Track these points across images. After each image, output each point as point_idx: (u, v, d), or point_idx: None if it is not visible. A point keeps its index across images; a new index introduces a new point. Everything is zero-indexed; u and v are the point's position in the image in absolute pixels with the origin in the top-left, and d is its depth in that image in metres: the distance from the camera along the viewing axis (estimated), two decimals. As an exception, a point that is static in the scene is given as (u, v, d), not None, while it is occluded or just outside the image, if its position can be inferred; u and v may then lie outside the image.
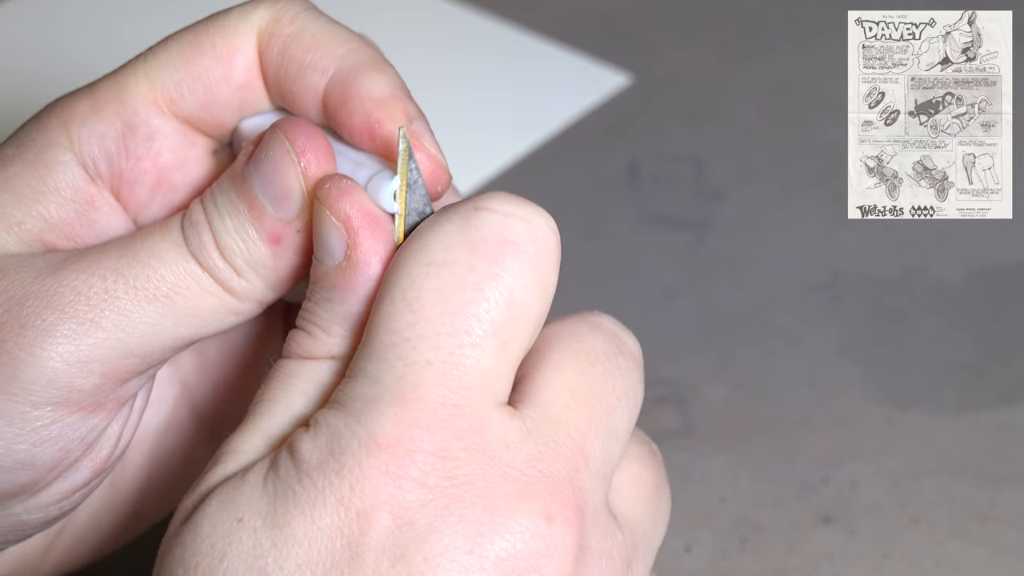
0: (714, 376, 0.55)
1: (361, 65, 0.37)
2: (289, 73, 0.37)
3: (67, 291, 0.35)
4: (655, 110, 0.70)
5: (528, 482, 0.33)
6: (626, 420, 0.36)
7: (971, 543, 0.48)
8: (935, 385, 0.55)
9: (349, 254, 0.34)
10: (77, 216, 0.38)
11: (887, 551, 0.48)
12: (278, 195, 0.35)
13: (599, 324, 0.37)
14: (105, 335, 0.35)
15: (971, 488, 0.50)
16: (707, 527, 0.49)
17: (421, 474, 0.32)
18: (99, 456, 0.37)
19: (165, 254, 0.36)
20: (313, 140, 0.35)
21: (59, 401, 0.35)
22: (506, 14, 0.76)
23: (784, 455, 0.52)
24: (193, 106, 0.38)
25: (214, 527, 0.33)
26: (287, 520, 0.32)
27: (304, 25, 0.37)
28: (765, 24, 0.75)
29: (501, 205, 0.34)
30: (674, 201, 0.64)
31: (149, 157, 0.38)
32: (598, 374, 0.36)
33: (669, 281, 0.60)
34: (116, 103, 0.38)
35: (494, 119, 0.70)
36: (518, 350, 0.34)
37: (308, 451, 0.32)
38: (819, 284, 0.59)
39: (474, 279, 0.33)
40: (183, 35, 0.38)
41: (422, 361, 0.33)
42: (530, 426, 0.34)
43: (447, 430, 0.32)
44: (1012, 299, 0.58)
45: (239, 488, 0.33)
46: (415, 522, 0.32)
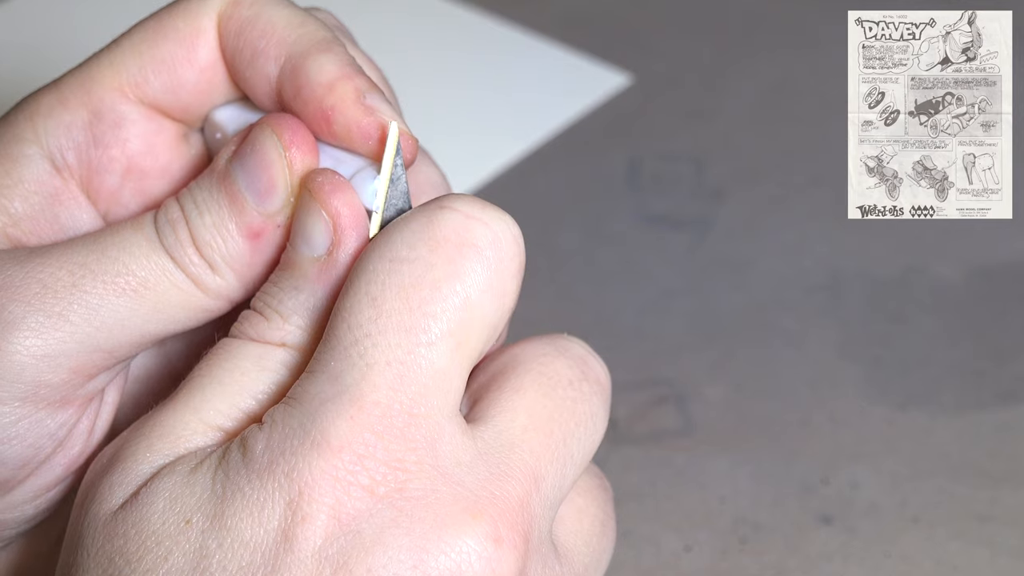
0: (714, 376, 0.55)
1: (308, 50, 0.36)
2: (244, 58, 0.37)
3: (33, 283, 0.35)
4: (655, 110, 0.70)
5: (478, 502, 0.32)
6: (584, 447, 0.35)
7: (971, 543, 0.48)
8: (935, 385, 0.55)
9: (332, 250, 0.34)
10: (42, 210, 0.37)
11: (887, 551, 0.48)
12: (262, 189, 0.35)
13: (566, 348, 0.37)
14: (72, 328, 0.35)
15: (971, 488, 0.50)
16: (707, 527, 0.49)
17: (372, 482, 0.32)
18: (71, 452, 0.37)
19: (135, 248, 0.35)
20: (299, 134, 0.35)
21: (26, 396, 0.35)
22: (506, 14, 0.76)
23: (784, 455, 0.52)
24: (159, 90, 0.37)
25: (162, 524, 0.32)
26: (235, 522, 0.32)
27: (261, 10, 0.37)
28: (765, 24, 0.75)
29: (464, 206, 0.34)
30: (674, 201, 0.64)
31: (117, 144, 0.38)
32: (559, 399, 0.35)
33: (669, 281, 0.60)
34: (81, 93, 0.37)
35: (494, 119, 0.70)
36: (472, 353, 0.34)
37: (260, 450, 0.32)
38: (819, 284, 0.59)
39: (432, 277, 0.33)
40: (146, 22, 0.38)
41: (382, 361, 0.32)
42: (482, 447, 0.33)
43: (401, 439, 0.32)
44: (1012, 299, 0.58)
45: (189, 486, 0.32)
46: (361, 531, 0.32)
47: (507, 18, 0.76)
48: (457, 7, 0.77)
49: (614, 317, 0.58)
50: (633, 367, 0.55)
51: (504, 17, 0.76)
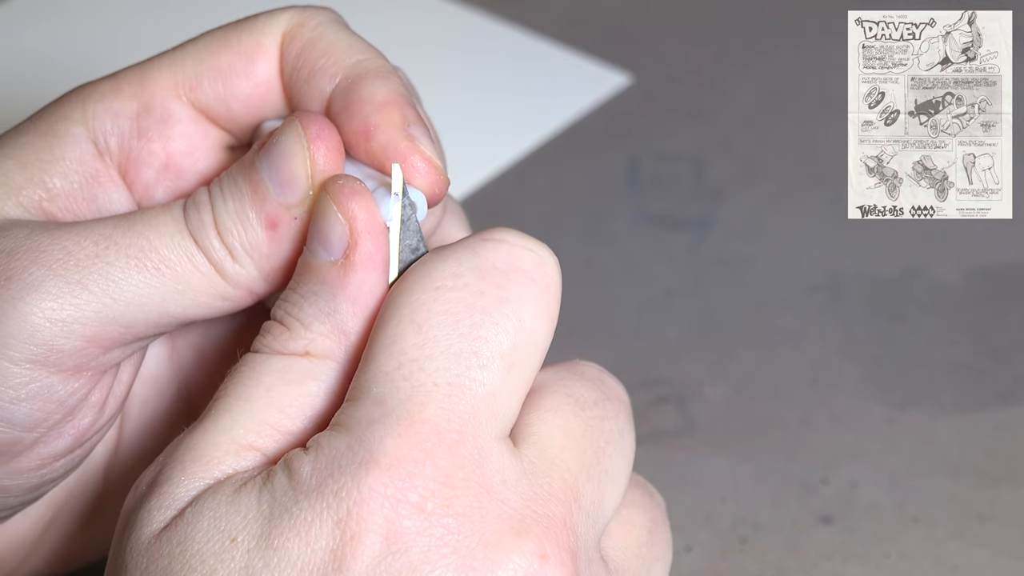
0: (714, 376, 0.55)
1: (367, 73, 0.37)
2: (301, 75, 0.38)
3: (57, 250, 0.35)
4: (655, 110, 0.70)
5: (524, 521, 0.33)
6: (616, 463, 0.36)
7: (971, 543, 0.48)
8: (935, 385, 0.55)
9: (348, 254, 0.35)
10: (80, 188, 0.38)
11: (887, 551, 0.48)
12: (283, 179, 0.36)
13: (583, 371, 0.37)
14: (90, 297, 0.35)
15: (971, 488, 0.50)
16: (707, 527, 0.49)
17: (420, 499, 0.32)
18: (81, 423, 0.37)
19: (162, 227, 0.36)
20: (326, 131, 0.36)
21: (38, 359, 0.35)
22: (506, 14, 0.76)
23: (784, 455, 0.52)
24: (211, 96, 0.38)
25: (207, 543, 0.32)
26: (282, 542, 0.32)
27: (324, 33, 0.38)
28: (765, 24, 0.75)
29: (509, 236, 0.35)
30: (674, 201, 0.64)
31: (160, 140, 0.38)
32: (588, 419, 0.36)
33: (669, 281, 0.60)
34: (136, 84, 0.38)
35: (494, 119, 0.70)
36: (524, 377, 0.34)
37: (307, 473, 0.32)
38: (819, 284, 0.59)
39: (483, 303, 0.33)
40: (211, 32, 0.39)
41: (429, 383, 0.33)
42: (527, 466, 0.34)
43: (450, 456, 0.32)
44: (1012, 299, 0.58)
45: (233, 505, 0.33)
46: (409, 549, 0.32)
47: (507, 18, 0.76)
48: (457, 7, 0.77)
49: (614, 317, 0.58)
50: (633, 367, 0.55)
51: (504, 17, 0.76)
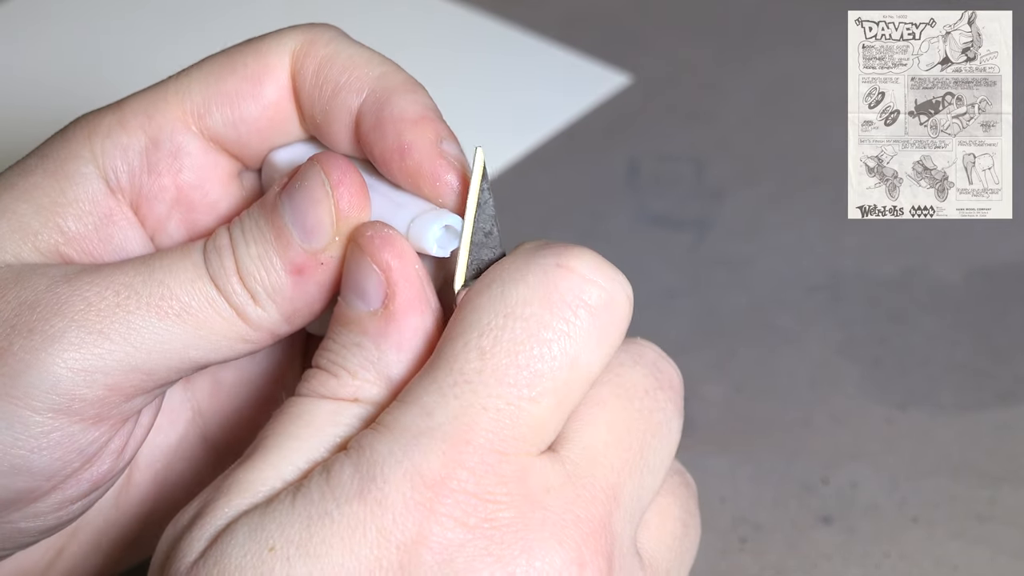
0: (714, 376, 0.55)
1: (395, 87, 0.37)
2: (324, 93, 0.38)
3: (78, 300, 0.35)
4: (655, 110, 0.70)
5: (564, 526, 0.33)
6: (659, 456, 0.36)
7: (971, 543, 0.48)
8: (935, 385, 0.55)
9: (387, 303, 0.35)
10: (95, 230, 0.38)
11: (887, 551, 0.48)
12: (308, 226, 0.35)
13: (640, 354, 0.37)
14: (112, 346, 0.35)
15: (971, 488, 0.50)
16: (707, 527, 0.49)
17: (463, 514, 0.32)
18: (99, 470, 0.37)
19: (182, 273, 0.36)
20: (348, 175, 0.36)
21: (60, 409, 0.35)
22: (506, 14, 0.76)
23: (784, 455, 0.52)
24: (220, 123, 0.38)
25: (244, 556, 0.32)
26: (325, 549, 0.32)
27: (339, 48, 0.38)
28: (765, 24, 0.75)
29: (583, 266, 0.34)
30: (674, 201, 0.64)
31: (170, 174, 0.38)
32: (636, 410, 0.36)
33: (669, 281, 0.60)
34: (143, 117, 0.38)
35: (494, 119, 0.70)
36: (572, 404, 0.34)
37: (348, 475, 0.32)
38: (819, 284, 0.59)
39: (545, 336, 0.34)
40: (216, 56, 0.39)
41: (478, 405, 0.33)
42: (569, 468, 0.34)
43: (492, 475, 0.33)
44: (1012, 299, 0.58)
45: (267, 514, 0.33)
46: (453, 560, 0.32)
47: (507, 18, 0.76)
48: (457, 7, 0.77)
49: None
50: (633, 367, 0.55)
51: (504, 17, 0.76)
